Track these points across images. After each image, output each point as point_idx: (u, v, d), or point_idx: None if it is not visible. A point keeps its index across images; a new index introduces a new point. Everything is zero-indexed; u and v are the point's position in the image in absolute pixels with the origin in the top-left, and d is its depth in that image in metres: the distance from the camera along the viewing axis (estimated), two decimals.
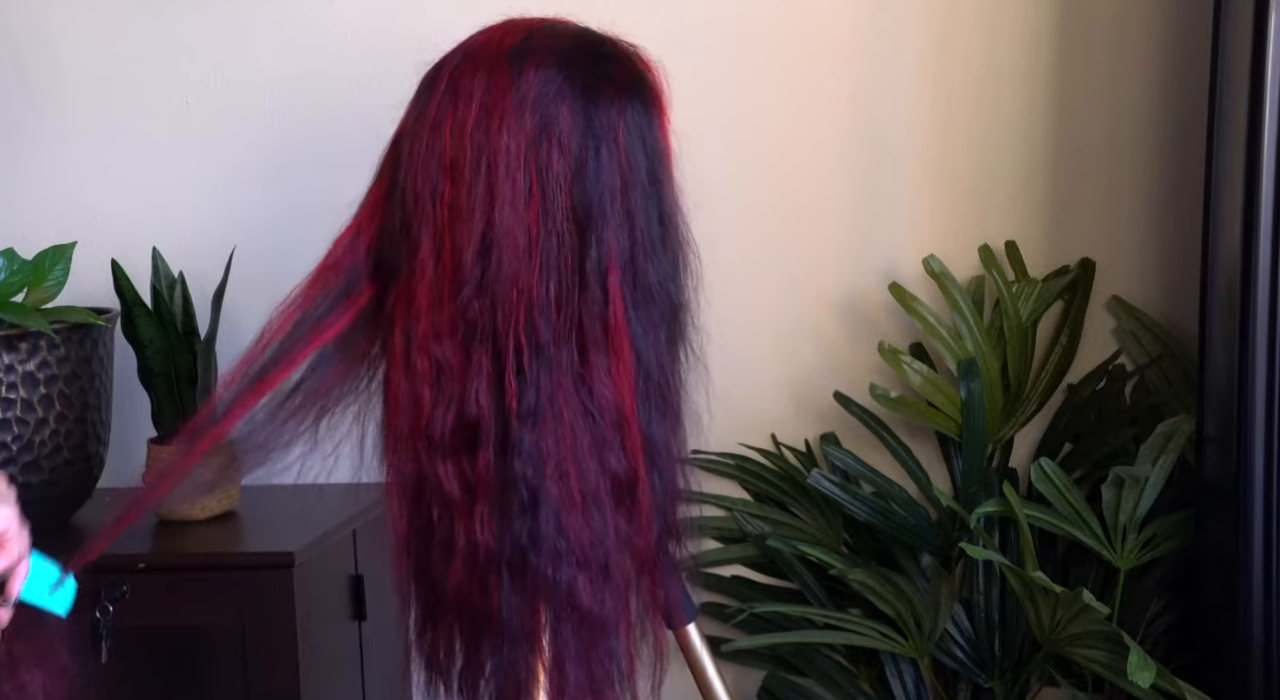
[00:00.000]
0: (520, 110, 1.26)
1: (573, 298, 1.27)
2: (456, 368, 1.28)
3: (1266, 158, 1.71)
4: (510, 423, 1.27)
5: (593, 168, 1.27)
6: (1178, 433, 1.94)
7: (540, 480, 1.28)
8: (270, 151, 2.23)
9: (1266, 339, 1.74)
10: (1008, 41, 2.14)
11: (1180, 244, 2.11)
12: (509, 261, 1.25)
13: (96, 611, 1.82)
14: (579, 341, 1.28)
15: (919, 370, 2.06)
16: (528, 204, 1.26)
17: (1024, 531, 1.89)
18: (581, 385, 1.29)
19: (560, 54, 1.29)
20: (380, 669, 2.12)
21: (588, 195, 1.27)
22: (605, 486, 1.30)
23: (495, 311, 1.26)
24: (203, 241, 2.18)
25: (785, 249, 2.18)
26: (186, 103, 2.23)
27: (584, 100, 1.28)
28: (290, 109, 2.22)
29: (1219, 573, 1.84)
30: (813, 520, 2.09)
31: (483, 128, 1.26)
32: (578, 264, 1.27)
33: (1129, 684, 1.74)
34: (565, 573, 1.29)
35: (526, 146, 1.26)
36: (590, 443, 1.29)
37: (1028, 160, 2.16)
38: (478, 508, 1.29)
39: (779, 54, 2.16)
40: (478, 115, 1.26)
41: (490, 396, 1.27)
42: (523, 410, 1.27)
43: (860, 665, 2.10)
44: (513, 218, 1.25)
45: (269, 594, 1.83)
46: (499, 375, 1.27)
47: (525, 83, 1.27)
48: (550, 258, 1.26)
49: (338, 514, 2.02)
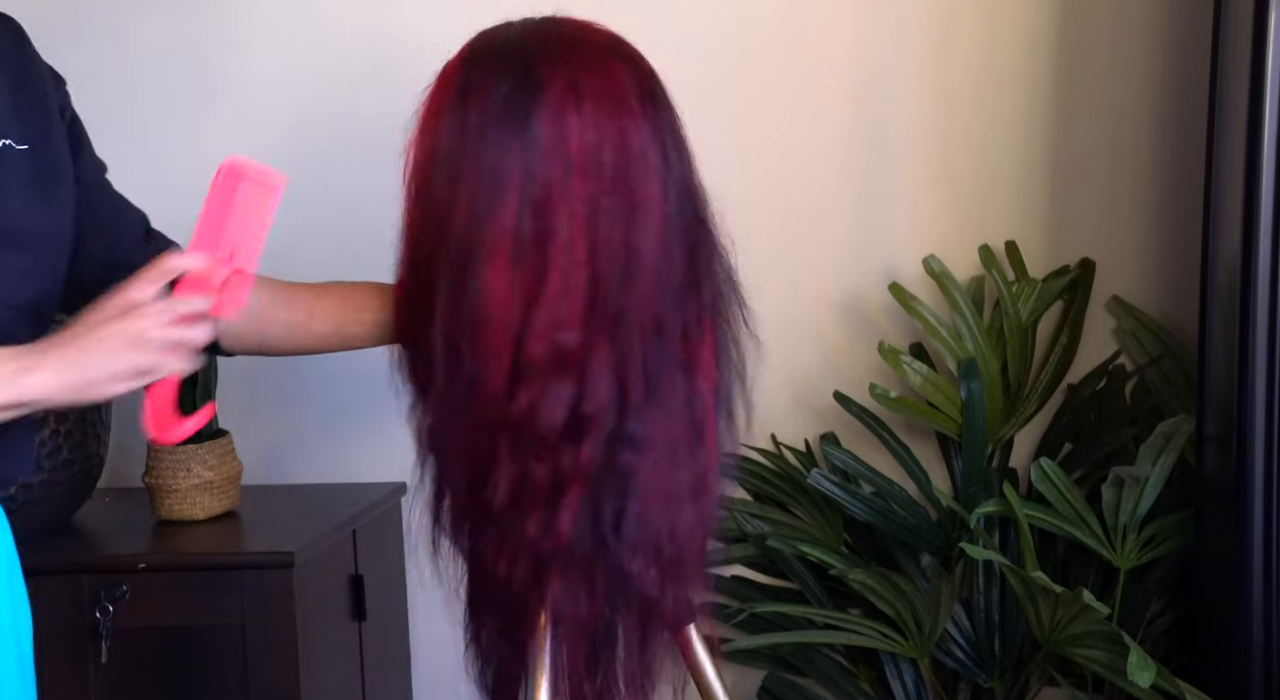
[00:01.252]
0: (642, 107, 1.29)
1: (690, 292, 1.30)
2: (577, 357, 1.27)
3: (1266, 158, 1.71)
4: (626, 414, 1.28)
5: (689, 166, 1.32)
6: (1178, 433, 1.94)
7: (636, 472, 1.29)
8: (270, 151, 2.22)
9: (1266, 339, 1.74)
10: (1008, 42, 2.14)
11: (1180, 244, 2.12)
12: (647, 256, 1.27)
13: (96, 611, 1.82)
14: (685, 336, 1.30)
15: (919, 370, 2.06)
16: (663, 200, 1.28)
17: (1024, 531, 1.89)
18: (684, 379, 1.31)
19: (638, 55, 1.32)
20: (380, 669, 2.12)
21: (694, 193, 1.31)
22: (686, 479, 1.32)
23: (627, 303, 1.27)
24: None
25: (785, 249, 2.18)
26: (186, 102, 2.23)
27: (665, 98, 1.32)
28: (290, 108, 2.22)
29: (1219, 573, 1.84)
30: (812, 520, 2.09)
31: (613, 122, 1.27)
32: (692, 260, 1.30)
33: (1129, 684, 1.74)
34: (638, 564, 1.30)
35: (652, 143, 1.29)
36: (684, 436, 1.32)
37: (1028, 160, 2.16)
38: (565, 499, 1.28)
39: (780, 55, 2.16)
40: (603, 110, 1.26)
41: (610, 388, 1.27)
42: (640, 402, 1.28)
43: (860, 665, 2.10)
44: (649, 215, 1.27)
45: (269, 594, 1.83)
46: (620, 366, 1.27)
47: (636, 80, 1.29)
48: (675, 252, 1.29)
49: (338, 514, 2.02)
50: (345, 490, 2.17)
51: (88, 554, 1.93)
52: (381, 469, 2.20)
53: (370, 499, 2.11)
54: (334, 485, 2.22)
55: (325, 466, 2.27)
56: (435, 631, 2.21)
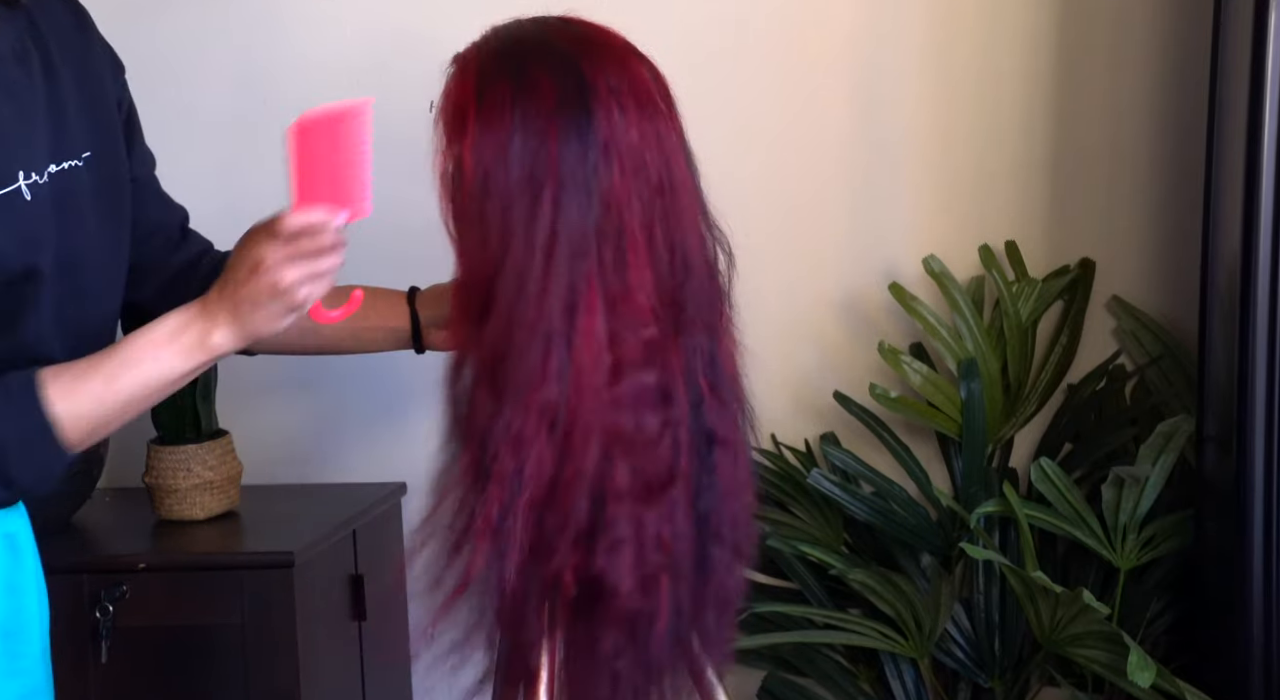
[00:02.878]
0: (667, 108, 1.31)
1: (726, 285, 1.35)
2: (661, 351, 1.28)
3: (1266, 157, 1.71)
4: (703, 406, 1.30)
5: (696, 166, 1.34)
6: (1178, 433, 1.94)
7: (719, 464, 1.31)
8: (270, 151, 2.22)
9: (1266, 339, 1.74)
10: (1008, 42, 2.14)
11: (1180, 244, 2.11)
12: (694, 254, 1.30)
13: (96, 611, 1.82)
14: (723, 330, 1.34)
15: (919, 370, 2.06)
16: (696, 199, 1.32)
17: (1024, 531, 1.89)
18: (731, 370, 1.34)
19: (649, 58, 1.33)
20: (380, 669, 2.12)
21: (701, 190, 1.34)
22: (746, 469, 1.35)
23: (686, 302, 1.29)
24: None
25: (785, 249, 2.18)
26: (186, 102, 2.23)
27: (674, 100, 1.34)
28: (290, 107, 2.21)
29: (1219, 573, 1.84)
30: (813, 520, 2.09)
31: (650, 123, 1.28)
32: (716, 254, 1.34)
33: (1129, 684, 1.74)
34: (724, 554, 1.31)
35: (679, 144, 1.31)
36: (742, 427, 1.35)
37: (1028, 160, 2.16)
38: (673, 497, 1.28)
39: (780, 55, 2.16)
40: (642, 112, 1.28)
41: (685, 383, 1.29)
42: (712, 395, 1.30)
43: (860, 665, 2.10)
44: (689, 213, 1.30)
45: (269, 594, 1.83)
46: (690, 359, 1.29)
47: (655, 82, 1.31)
48: (711, 245, 1.33)
49: (338, 514, 2.02)
50: (345, 490, 2.17)
51: (88, 554, 1.93)
52: (381, 469, 2.20)
53: (370, 499, 2.11)
54: (334, 485, 2.22)
55: (325, 466, 2.27)
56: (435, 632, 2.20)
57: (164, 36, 2.22)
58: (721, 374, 1.33)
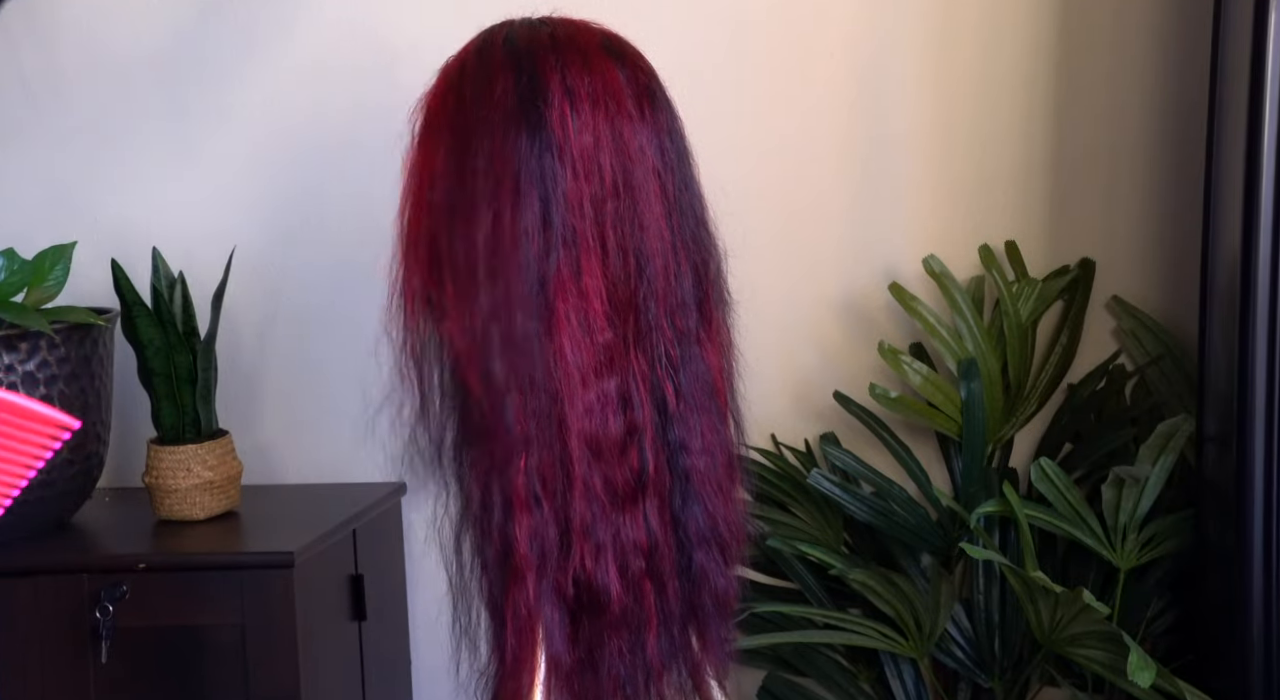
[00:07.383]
0: (638, 107, 1.30)
1: (699, 289, 1.33)
2: (620, 356, 1.28)
3: (1266, 157, 1.71)
4: (668, 413, 1.30)
5: (688, 166, 1.33)
6: (1178, 433, 1.94)
7: (691, 470, 1.31)
8: (270, 151, 2.23)
9: (1266, 339, 1.74)
10: (1008, 42, 2.14)
11: (1180, 244, 2.12)
12: (655, 259, 1.29)
13: (96, 611, 1.82)
14: (698, 335, 1.33)
15: (919, 370, 2.06)
16: (663, 201, 1.30)
17: (1024, 531, 1.89)
18: (705, 375, 1.33)
19: (635, 53, 1.32)
20: (380, 669, 2.12)
21: (695, 193, 1.32)
22: (729, 472, 1.35)
23: (649, 302, 1.28)
24: (203, 241, 2.18)
25: (785, 249, 2.18)
26: (186, 102, 2.23)
27: (664, 97, 1.33)
28: (290, 108, 2.22)
29: (1219, 573, 1.84)
30: (813, 520, 2.09)
31: (608, 123, 1.27)
32: (696, 261, 1.33)
33: (1129, 684, 1.74)
34: (711, 557, 1.31)
35: (649, 144, 1.30)
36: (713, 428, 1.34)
37: (1027, 160, 2.16)
38: (643, 504, 1.29)
39: (780, 55, 2.16)
40: (598, 112, 1.27)
41: (647, 389, 1.29)
42: (679, 400, 1.30)
43: (860, 665, 2.10)
44: (651, 217, 1.29)
45: (269, 594, 1.83)
46: (652, 366, 1.29)
47: (631, 79, 1.29)
48: (680, 254, 1.31)
49: (338, 514, 2.02)
50: (345, 490, 2.17)
51: (88, 554, 1.93)
52: (381, 469, 2.20)
53: (370, 499, 2.11)
54: (334, 485, 2.22)
55: (325, 466, 2.27)
56: (435, 631, 2.21)
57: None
58: (693, 378, 1.32)
